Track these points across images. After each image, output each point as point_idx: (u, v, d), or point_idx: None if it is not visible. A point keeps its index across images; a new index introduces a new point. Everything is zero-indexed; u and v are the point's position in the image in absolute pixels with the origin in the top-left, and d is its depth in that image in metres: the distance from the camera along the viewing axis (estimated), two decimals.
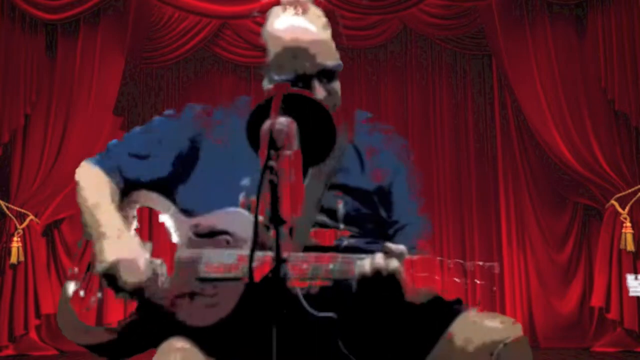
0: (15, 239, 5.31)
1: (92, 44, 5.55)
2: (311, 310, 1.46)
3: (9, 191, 5.46)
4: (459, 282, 1.39)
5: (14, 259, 5.28)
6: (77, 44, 5.57)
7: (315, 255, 1.47)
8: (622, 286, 5.09)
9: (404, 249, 1.42)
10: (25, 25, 5.56)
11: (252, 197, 1.44)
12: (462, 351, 1.44)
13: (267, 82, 1.63)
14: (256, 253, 1.20)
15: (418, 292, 1.41)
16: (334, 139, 1.36)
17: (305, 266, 1.45)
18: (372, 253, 1.44)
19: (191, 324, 1.47)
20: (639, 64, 5.25)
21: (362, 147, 1.71)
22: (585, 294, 5.53)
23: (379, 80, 6.31)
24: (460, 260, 1.40)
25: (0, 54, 5.45)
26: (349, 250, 1.51)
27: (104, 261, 1.51)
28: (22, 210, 5.39)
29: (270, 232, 1.19)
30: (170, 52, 6.02)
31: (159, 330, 1.49)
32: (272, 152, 1.20)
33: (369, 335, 1.53)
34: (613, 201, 5.26)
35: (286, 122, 1.26)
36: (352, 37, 5.68)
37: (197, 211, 1.57)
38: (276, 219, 1.17)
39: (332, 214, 1.59)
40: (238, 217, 1.52)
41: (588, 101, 5.37)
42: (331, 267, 1.45)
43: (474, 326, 1.47)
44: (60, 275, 5.52)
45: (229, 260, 1.49)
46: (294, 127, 1.27)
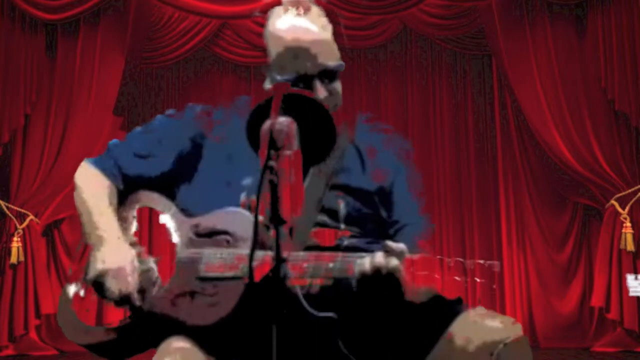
0: (15, 239, 5.31)
1: (92, 44, 5.54)
2: (311, 310, 1.46)
3: (9, 191, 5.45)
4: (459, 280, 1.39)
5: (14, 259, 5.28)
6: (77, 44, 5.56)
7: (315, 254, 1.47)
8: (622, 286, 5.09)
9: (404, 247, 1.42)
10: (25, 25, 5.55)
11: (253, 197, 1.44)
12: (462, 351, 1.44)
13: (268, 82, 1.63)
14: (256, 253, 1.20)
15: (418, 291, 1.41)
16: (334, 139, 1.36)
17: (305, 265, 1.45)
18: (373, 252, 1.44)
19: (191, 323, 1.47)
20: (639, 64, 5.24)
21: (363, 147, 1.71)
22: (585, 294, 5.52)
23: (379, 80, 6.30)
24: (461, 259, 1.40)
25: (0, 54, 5.44)
26: (349, 250, 1.51)
27: (93, 269, 1.52)
28: (22, 210, 5.38)
29: (271, 232, 1.19)
30: (170, 52, 6.01)
31: (159, 330, 1.49)
32: (272, 152, 1.20)
33: (369, 334, 1.53)
34: (613, 201, 5.25)
35: (286, 122, 1.26)
36: (352, 37, 5.67)
37: (198, 211, 1.57)
38: (276, 219, 1.17)
39: (333, 214, 1.59)
40: (238, 217, 1.52)
41: (588, 101, 5.37)
42: (331, 265, 1.45)
43: (474, 326, 1.47)
44: (60, 275, 5.52)
45: (229, 259, 1.49)
46: (294, 127, 1.27)
